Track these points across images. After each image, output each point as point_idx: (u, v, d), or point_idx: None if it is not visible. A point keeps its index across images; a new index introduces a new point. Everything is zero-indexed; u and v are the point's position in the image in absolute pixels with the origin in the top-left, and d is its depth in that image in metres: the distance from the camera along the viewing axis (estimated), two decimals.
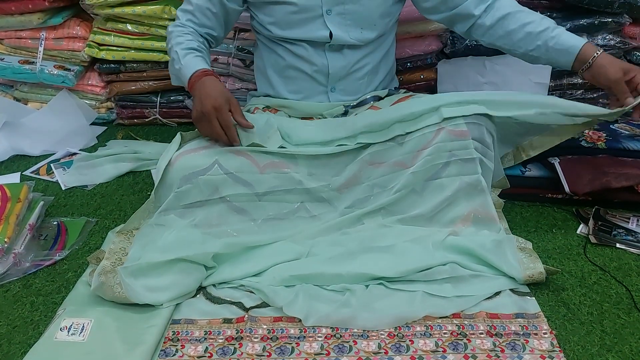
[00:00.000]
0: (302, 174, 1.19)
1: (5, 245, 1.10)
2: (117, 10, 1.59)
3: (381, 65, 1.34)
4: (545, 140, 1.26)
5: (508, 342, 0.93)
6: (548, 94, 1.58)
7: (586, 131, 1.37)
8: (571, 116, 1.17)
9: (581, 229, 1.23)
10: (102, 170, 1.49)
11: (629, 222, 1.22)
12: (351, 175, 1.22)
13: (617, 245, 1.16)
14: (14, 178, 1.50)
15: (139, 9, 1.57)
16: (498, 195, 1.27)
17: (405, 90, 1.43)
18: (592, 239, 1.18)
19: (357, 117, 1.25)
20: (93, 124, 1.80)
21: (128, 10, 1.58)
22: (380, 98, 1.36)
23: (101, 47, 1.69)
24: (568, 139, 1.26)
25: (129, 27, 1.64)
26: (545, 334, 0.94)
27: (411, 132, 1.16)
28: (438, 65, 1.64)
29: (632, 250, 1.15)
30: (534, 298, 1.02)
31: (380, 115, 1.19)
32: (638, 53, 1.50)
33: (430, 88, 1.65)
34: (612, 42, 1.49)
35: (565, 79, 1.54)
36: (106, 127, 1.82)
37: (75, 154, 1.62)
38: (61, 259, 1.16)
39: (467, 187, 1.15)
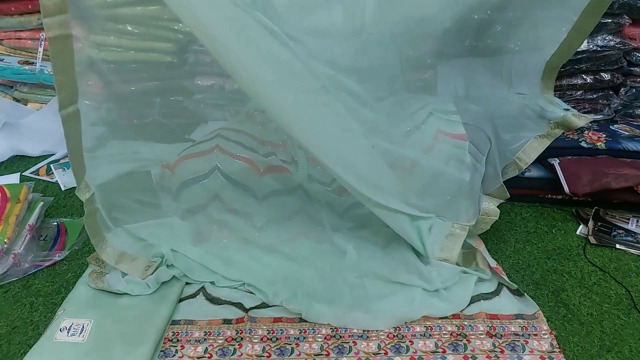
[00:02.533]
0: (302, 178, 1.20)
1: (5, 246, 1.10)
2: (117, 10, 1.59)
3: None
4: (534, 145, 1.25)
5: (508, 342, 0.93)
6: None
7: (586, 131, 1.37)
8: None
9: (581, 229, 1.23)
10: (101, 171, 1.49)
11: (628, 223, 1.22)
12: None
13: (617, 246, 1.16)
14: (14, 179, 1.50)
15: (139, 10, 1.57)
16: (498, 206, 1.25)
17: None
18: (592, 240, 1.18)
19: None
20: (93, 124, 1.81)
21: (128, 11, 1.58)
22: (380, 99, 1.36)
23: (101, 48, 1.69)
24: (566, 139, 1.27)
25: (129, 27, 1.64)
26: (545, 334, 0.94)
27: (409, 135, 1.17)
28: (438, 66, 1.63)
29: (631, 251, 1.15)
30: (533, 299, 1.02)
31: None
32: (638, 54, 1.50)
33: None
34: (611, 43, 1.48)
35: (565, 80, 1.54)
36: (105, 128, 1.82)
37: None
38: (61, 260, 1.16)
39: (465, 188, 1.15)
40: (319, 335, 0.96)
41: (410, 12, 1.30)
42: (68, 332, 0.94)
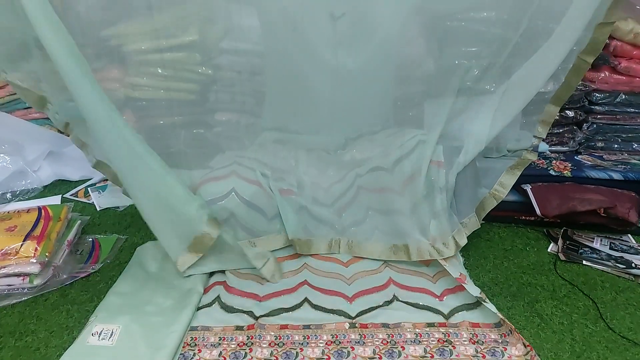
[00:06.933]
0: (306, 199, 1.20)
1: (46, 259, 1.09)
2: (150, 56, 1.61)
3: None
4: (509, 177, 1.24)
5: (489, 349, 0.91)
6: None
7: (554, 161, 1.37)
8: None
9: (551, 247, 1.22)
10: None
11: (593, 242, 1.21)
12: (349, 199, 1.22)
13: (584, 262, 1.15)
14: (56, 200, 1.50)
15: (168, 55, 1.59)
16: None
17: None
18: (562, 257, 1.17)
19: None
20: None
21: (159, 56, 1.60)
22: (375, 132, 1.36)
23: (135, 88, 1.71)
24: (536, 167, 1.27)
25: (159, 70, 1.66)
26: (521, 341, 0.92)
27: (399, 162, 1.17)
28: (425, 104, 1.64)
29: (597, 266, 1.13)
30: (510, 310, 1.00)
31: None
32: (597, 94, 1.51)
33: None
34: None
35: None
36: None
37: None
38: (94, 272, 1.15)
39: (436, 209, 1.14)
40: (321, 341, 0.94)
41: (401, 57, 1.31)
42: (99, 337, 0.93)
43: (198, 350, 0.93)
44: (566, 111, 1.53)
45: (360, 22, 1.17)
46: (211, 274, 1.14)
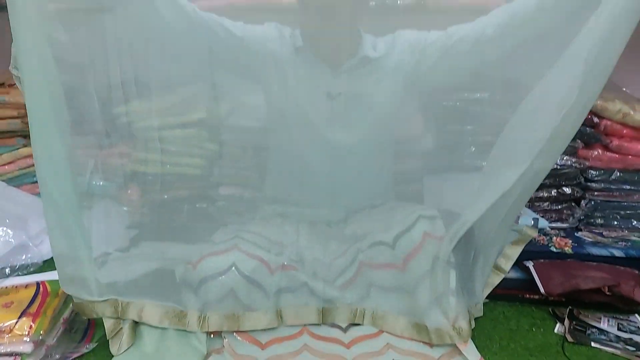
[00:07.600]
0: (307, 275, 1.19)
1: (40, 338, 1.06)
2: (159, 133, 1.67)
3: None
4: (509, 253, 1.24)
5: None
6: None
7: (554, 238, 1.38)
8: None
9: (558, 328, 1.19)
10: (132, 268, 1.48)
11: (600, 322, 1.18)
12: (351, 275, 1.21)
13: (592, 344, 1.11)
14: (55, 275, 1.48)
15: (178, 132, 1.66)
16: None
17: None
18: (569, 338, 1.13)
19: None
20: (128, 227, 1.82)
21: (169, 133, 1.67)
22: (375, 206, 1.39)
23: (142, 163, 1.75)
24: (537, 244, 1.27)
25: (168, 146, 1.72)
26: None
27: (400, 237, 1.18)
28: (424, 179, 1.68)
29: (606, 349, 1.10)
30: None
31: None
32: (592, 172, 1.55)
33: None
34: (569, 162, 1.54)
35: (533, 194, 1.57)
36: (139, 230, 1.83)
37: (109, 253, 1.61)
38: (88, 352, 1.11)
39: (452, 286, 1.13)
40: None
41: (398, 134, 1.37)
42: None
43: None
44: (563, 188, 1.56)
45: (354, 101, 1.24)
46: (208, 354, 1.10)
